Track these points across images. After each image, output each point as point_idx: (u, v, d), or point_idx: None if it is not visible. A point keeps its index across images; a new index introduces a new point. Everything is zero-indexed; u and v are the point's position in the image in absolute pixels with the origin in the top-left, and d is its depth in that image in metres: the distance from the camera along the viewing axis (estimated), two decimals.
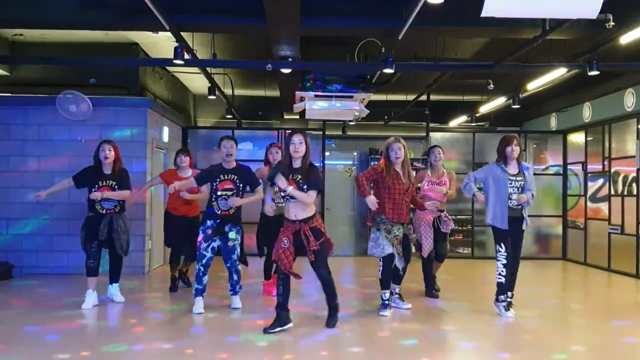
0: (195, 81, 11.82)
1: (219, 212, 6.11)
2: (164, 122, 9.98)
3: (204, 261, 6.10)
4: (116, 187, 6.35)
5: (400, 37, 6.34)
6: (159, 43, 8.94)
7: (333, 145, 12.79)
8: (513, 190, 6.07)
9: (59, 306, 6.35)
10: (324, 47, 8.90)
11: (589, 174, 11.01)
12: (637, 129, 9.35)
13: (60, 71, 9.28)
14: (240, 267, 6.31)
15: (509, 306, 6.15)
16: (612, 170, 10.14)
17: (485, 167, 6.33)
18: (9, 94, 9.05)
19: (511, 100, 10.66)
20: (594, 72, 7.25)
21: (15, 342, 4.94)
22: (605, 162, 10.37)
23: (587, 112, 10.96)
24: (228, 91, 11.15)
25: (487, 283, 7.85)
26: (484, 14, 4.59)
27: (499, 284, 6.16)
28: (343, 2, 6.78)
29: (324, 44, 8.75)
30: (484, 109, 12.28)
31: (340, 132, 12.99)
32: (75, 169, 6.63)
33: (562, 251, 11.83)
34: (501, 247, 6.11)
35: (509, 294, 6.17)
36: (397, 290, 6.48)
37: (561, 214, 11.91)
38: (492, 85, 10.18)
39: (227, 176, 6.15)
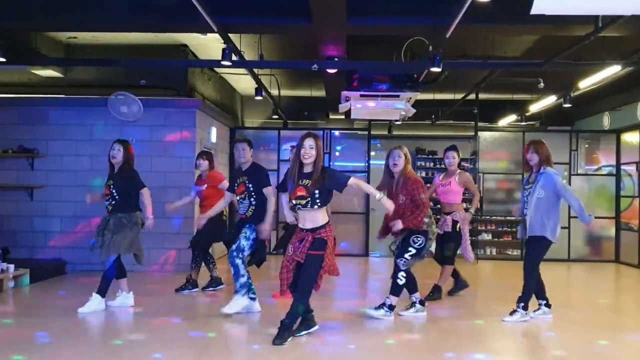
0: (242, 82, 11.96)
1: (240, 216, 6.09)
2: (212, 123, 10.13)
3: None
4: (112, 188, 6.19)
5: (447, 35, 6.27)
6: (207, 45, 9.08)
7: (379, 145, 12.73)
8: (525, 198, 5.90)
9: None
10: (371, 46, 8.86)
11: None
12: None
13: (112, 73, 9.54)
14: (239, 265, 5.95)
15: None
16: None
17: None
18: (63, 95, 9.34)
19: (562, 99, 10.40)
20: None
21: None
22: None
23: None
24: (274, 92, 11.23)
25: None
26: (533, 11, 4.51)
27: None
28: (389, 1, 6.75)
29: (370, 42, 8.71)
30: (534, 108, 12.01)
31: (386, 132, 12.92)
32: None
33: (615, 254, 11.48)
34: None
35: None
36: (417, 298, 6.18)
37: (614, 215, 11.55)
38: (542, 84, 9.94)
39: (241, 179, 6.07)
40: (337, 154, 12.08)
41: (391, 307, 5.89)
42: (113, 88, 8.92)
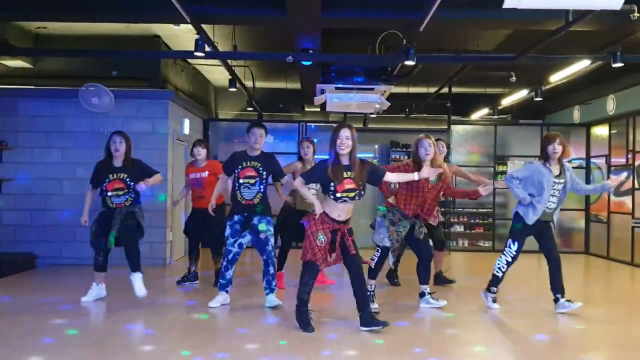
0: (216, 73, 11.88)
1: (243, 202, 5.86)
2: (185, 115, 10.04)
3: (229, 257, 5.92)
4: (128, 179, 6.08)
5: (421, 29, 6.30)
6: (181, 35, 8.99)
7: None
8: (553, 193, 5.94)
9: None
10: (345, 38, 8.87)
11: (613, 167, 10.86)
12: None
13: (83, 64, 9.38)
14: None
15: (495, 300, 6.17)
16: (637, 163, 9.99)
17: (530, 166, 6.01)
18: (33, 87, 9.17)
19: (534, 93, 10.54)
20: (619, 64, 7.17)
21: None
22: (629, 156, 10.22)
23: (611, 105, 10.80)
24: (249, 83, 11.18)
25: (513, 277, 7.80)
26: (506, 5, 4.56)
27: (495, 277, 6.11)
28: None
29: (345, 35, 8.72)
30: (506, 101, 12.16)
31: (361, 125, 12.96)
32: (97, 160, 6.49)
33: (584, 245, 11.71)
34: (513, 245, 6.03)
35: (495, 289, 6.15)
36: (427, 290, 6.22)
37: (584, 207, 11.78)
38: (514, 78, 10.08)
39: (250, 163, 5.88)
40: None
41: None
42: (84, 79, 8.77)
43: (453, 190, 6.30)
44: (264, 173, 5.93)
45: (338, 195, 5.00)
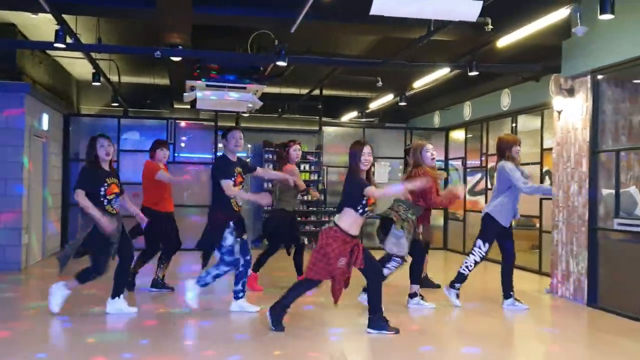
0: (78, 66, 11.24)
1: (236, 209, 5.79)
2: (44, 109, 9.41)
3: (235, 264, 5.78)
4: (120, 186, 5.70)
5: (293, 30, 6.39)
6: (40, 25, 8.42)
7: None
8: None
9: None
10: (217, 36, 8.77)
11: (468, 169, 11.66)
12: (512, 127, 10.01)
13: None
14: None
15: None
16: (489, 165, 10.80)
17: (514, 168, 6.27)
18: None
19: (398, 98, 11.04)
20: (474, 73, 7.68)
21: None
22: (483, 158, 11.02)
23: (467, 111, 11.59)
24: (114, 78, 10.72)
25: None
26: (373, 12, 4.74)
27: (461, 274, 6.37)
28: None
29: (217, 33, 8.62)
30: (373, 105, 12.63)
31: (233, 124, 12.87)
32: None
33: (443, 241, 12.45)
34: (484, 246, 6.32)
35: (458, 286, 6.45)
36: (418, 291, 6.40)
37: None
38: (380, 83, 10.49)
39: (237, 169, 5.79)
40: (183, 145, 11.77)
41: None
42: None
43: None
44: (244, 176, 5.90)
45: (367, 209, 5.03)
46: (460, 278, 6.39)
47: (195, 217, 10.66)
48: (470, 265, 6.36)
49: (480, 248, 6.32)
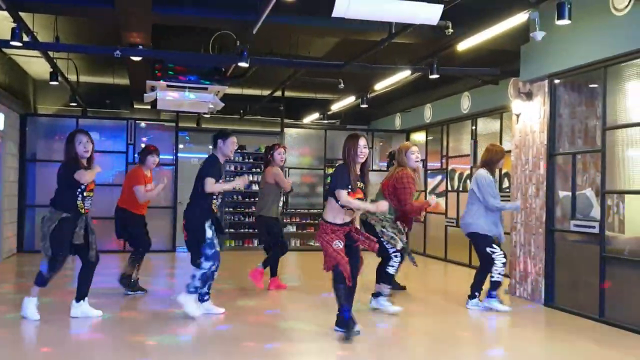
0: (35, 65, 10.94)
1: (214, 210, 5.84)
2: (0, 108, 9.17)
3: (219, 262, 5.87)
4: (95, 184, 5.61)
5: (254, 31, 6.36)
6: None
7: (187, 137, 12.52)
8: None
9: None
10: (178, 36, 8.67)
11: (429, 171, 11.79)
12: (472, 129, 10.17)
13: None
14: None
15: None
16: (450, 167, 10.95)
17: (490, 182, 6.40)
18: None
19: (360, 100, 11.10)
20: (435, 76, 7.77)
21: None
22: (444, 160, 11.17)
23: (427, 113, 11.72)
24: (73, 77, 10.49)
25: None
26: (334, 14, 4.77)
27: (496, 282, 6.37)
28: None
29: (178, 33, 8.52)
30: (335, 107, 12.67)
31: (194, 125, 12.75)
32: None
33: None
34: (495, 249, 6.34)
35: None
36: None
37: None
38: (342, 85, 10.51)
39: (222, 172, 5.89)
40: (143, 145, 11.55)
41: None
42: None
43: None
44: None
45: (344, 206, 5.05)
46: (495, 285, 6.40)
47: (158, 219, 10.56)
48: (502, 270, 6.37)
49: (493, 252, 6.35)
